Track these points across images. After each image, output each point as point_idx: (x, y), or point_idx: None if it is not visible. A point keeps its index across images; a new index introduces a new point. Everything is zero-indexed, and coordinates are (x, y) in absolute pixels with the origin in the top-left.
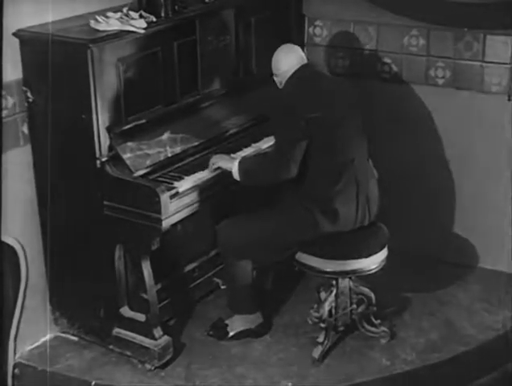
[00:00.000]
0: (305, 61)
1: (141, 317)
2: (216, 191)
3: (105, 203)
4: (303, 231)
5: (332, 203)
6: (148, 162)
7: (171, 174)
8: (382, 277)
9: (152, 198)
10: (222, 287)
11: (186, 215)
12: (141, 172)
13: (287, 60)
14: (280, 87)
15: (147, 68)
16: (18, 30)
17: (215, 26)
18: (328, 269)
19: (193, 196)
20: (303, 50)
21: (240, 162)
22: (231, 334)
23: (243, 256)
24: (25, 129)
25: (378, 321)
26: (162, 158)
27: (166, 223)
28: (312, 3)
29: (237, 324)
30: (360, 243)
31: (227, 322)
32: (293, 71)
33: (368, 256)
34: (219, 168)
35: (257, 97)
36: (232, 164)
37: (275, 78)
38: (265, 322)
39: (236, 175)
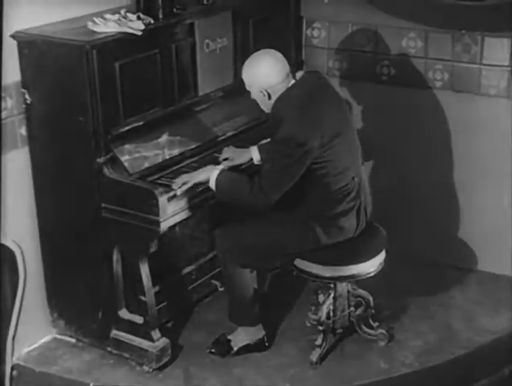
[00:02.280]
0: (289, 71)
1: (139, 319)
2: (215, 194)
3: (103, 205)
4: (304, 244)
5: (336, 221)
6: (146, 164)
7: (169, 176)
8: (380, 280)
9: (150, 200)
10: (220, 289)
11: (184, 217)
12: (139, 174)
13: (276, 73)
14: (264, 107)
15: (145, 70)
16: (16, 32)
17: (213, 28)
18: (327, 275)
19: (191, 199)
20: (301, 52)
21: (220, 174)
22: (235, 349)
23: (241, 263)
24: (23, 130)
25: (376, 323)
26: (160, 160)
27: (164, 226)
28: (311, 5)
29: (240, 338)
30: (358, 248)
31: (229, 337)
32: (283, 87)
33: (367, 260)
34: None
35: (254, 99)
36: (210, 173)
37: (252, 94)
38: (267, 334)
39: (212, 185)
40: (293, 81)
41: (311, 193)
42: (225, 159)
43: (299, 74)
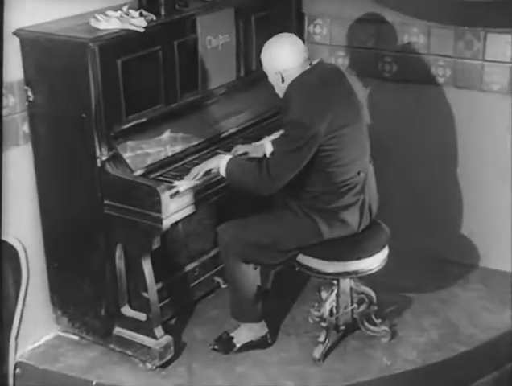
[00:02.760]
0: (307, 57)
1: (142, 316)
2: (217, 191)
3: (106, 202)
4: (306, 238)
5: (338, 214)
6: (148, 161)
7: (172, 173)
8: (383, 276)
9: (153, 197)
10: (223, 286)
11: (186, 214)
12: (141, 171)
13: (293, 58)
14: (278, 91)
15: (148, 67)
16: (19, 30)
17: (215, 25)
18: (330, 271)
19: (194, 195)
20: None
21: (229, 161)
22: (238, 346)
23: (244, 258)
24: (25, 128)
25: (379, 320)
26: (162, 157)
27: (166, 223)
28: (312, 1)
29: (243, 335)
30: (361, 243)
31: (232, 334)
32: (298, 73)
33: (369, 256)
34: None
35: (257, 96)
36: (219, 161)
37: (270, 78)
38: (270, 331)
39: (222, 171)
40: (308, 67)
41: (314, 183)
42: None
43: (315, 61)
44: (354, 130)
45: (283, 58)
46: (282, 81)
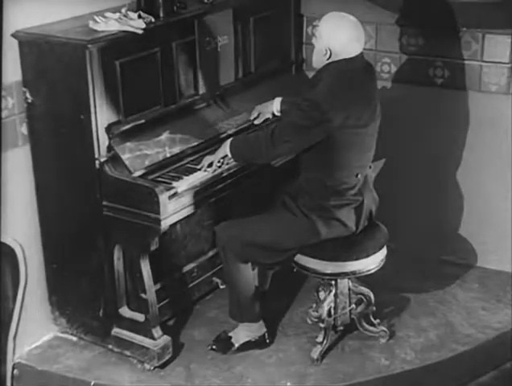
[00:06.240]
0: (360, 50)
1: (140, 317)
2: (215, 192)
3: (104, 203)
4: (304, 238)
5: (335, 214)
6: (147, 163)
7: (170, 174)
8: (381, 277)
9: (151, 198)
10: (221, 287)
11: (185, 215)
12: (140, 172)
13: (350, 45)
14: (315, 61)
15: (146, 69)
16: (17, 32)
17: (214, 27)
18: (328, 271)
19: (192, 196)
20: (301, 50)
21: (231, 141)
22: (236, 345)
23: (242, 258)
24: (24, 129)
25: (377, 320)
26: (161, 158)
27: (165, 224)
28: (311, 3)
29: (241, 335)
30: (359, 244)
31: (231, 334)
32: (343, 56)
33: (367, 256)
34: (219, 164)
35: (255, 97)
36: (225, 145)
37: (316, 43)
38: (268, 331)
39: (229, 153)
40: (351, 56)
41: (314, 182)
42: (255, 119)
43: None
44: (365, 133)
45: (343, 40)
46: (328, 58)
